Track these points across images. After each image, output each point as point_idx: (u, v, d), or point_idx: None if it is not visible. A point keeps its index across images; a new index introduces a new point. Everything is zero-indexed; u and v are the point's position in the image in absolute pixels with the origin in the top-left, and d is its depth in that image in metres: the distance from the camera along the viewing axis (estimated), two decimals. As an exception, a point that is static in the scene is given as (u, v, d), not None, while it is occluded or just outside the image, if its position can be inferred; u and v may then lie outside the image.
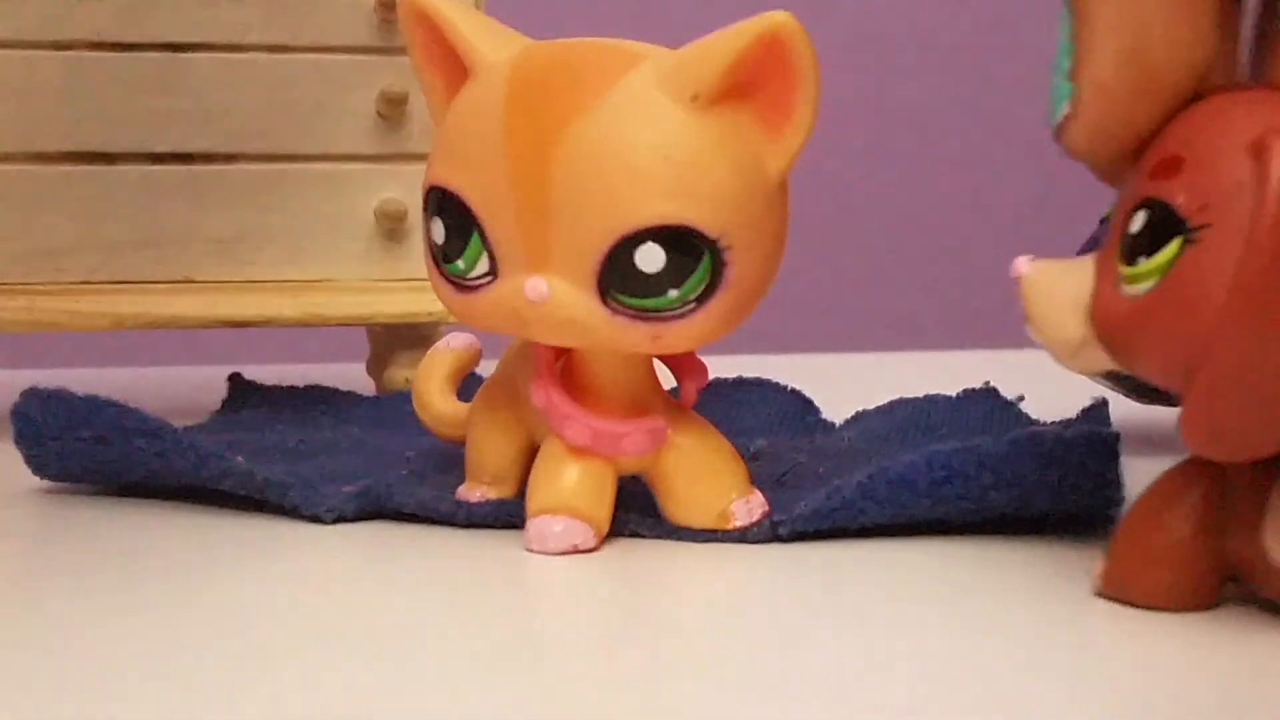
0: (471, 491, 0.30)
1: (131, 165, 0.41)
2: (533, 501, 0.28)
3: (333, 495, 0.30)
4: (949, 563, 0.27)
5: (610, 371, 0.28)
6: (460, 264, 0.27)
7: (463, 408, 0.32)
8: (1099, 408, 0.34)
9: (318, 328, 0.42)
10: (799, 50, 0.26)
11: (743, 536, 0.29)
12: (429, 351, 0.34)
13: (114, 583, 0.26)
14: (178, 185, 0.41)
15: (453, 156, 0.28)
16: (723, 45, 0.26)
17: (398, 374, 0.45)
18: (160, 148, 0.41)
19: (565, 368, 0.29)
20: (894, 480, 0.28)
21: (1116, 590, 0.24)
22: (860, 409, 0.39)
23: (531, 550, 0.28)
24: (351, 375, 0.47)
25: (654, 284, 0.26)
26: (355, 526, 0.30)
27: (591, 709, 0.20)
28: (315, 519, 0.30)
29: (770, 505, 0.29)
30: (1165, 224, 0.22)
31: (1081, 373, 0.24)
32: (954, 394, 0.39)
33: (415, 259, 0.42)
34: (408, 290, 0.42)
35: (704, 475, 0.29)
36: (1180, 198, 0.22)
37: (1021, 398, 0.39)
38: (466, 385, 0.33)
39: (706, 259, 0.26)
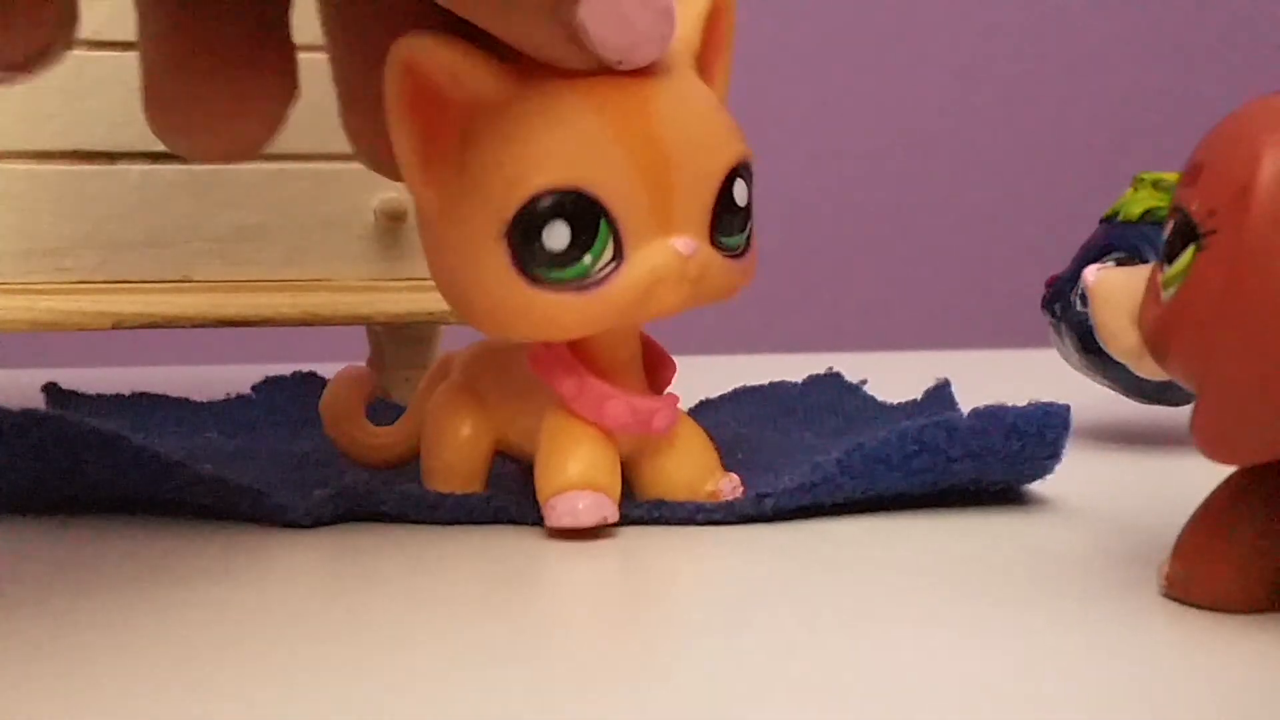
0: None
1: (131, 165, 0.41)
2: (551, 481, 0.29)
3: (307, 498, 0.30)
4: (940, 538, 0.28)
5: (621, 353, 0.30)
6: (587, 259, 0.27)
7: (387, 431, 0.33)
8: (941, 388, 0.37)
9: (318, 327, 0.42)
10: (731, 19, 0.30)
11: (729, 513, 0.29)
12: (338, 382, 0.34)
13: (91, 596, 0.26)
14: (178, 185, 0.41)
15: (559, 157, 0.27)
16: (687, 11, 0.29)
17: (398, 374, 0.45)
18: (160, 147, 0.41)
19: (575, 356, 0.29)
20: (869, 455, 0.30)
21: (1181, 591, 0.24)
22: (703, 398, 0.40)
23: (562, 526, 0.28)
24: (351, 375, 0.47)
25: (743, 218, 0.29)
26: (332, 529, 0.30)
27: (597, 698, 0.20)
28: (291, 524, 0.30)
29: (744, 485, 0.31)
30: (1185, 230, 0.22)
31: (1152, 378, 0.25)
32: (799, 380, 0.41)
33: (415, 259, 0.42)
34: (408, 290, 0.42)
35: (690, 459, 0.30)
36: (1195, 204, 0.22)
37: (864, 381, 0.40)
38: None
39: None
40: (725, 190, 0.28)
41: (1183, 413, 0.39)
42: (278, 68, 0.27)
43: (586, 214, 0.27)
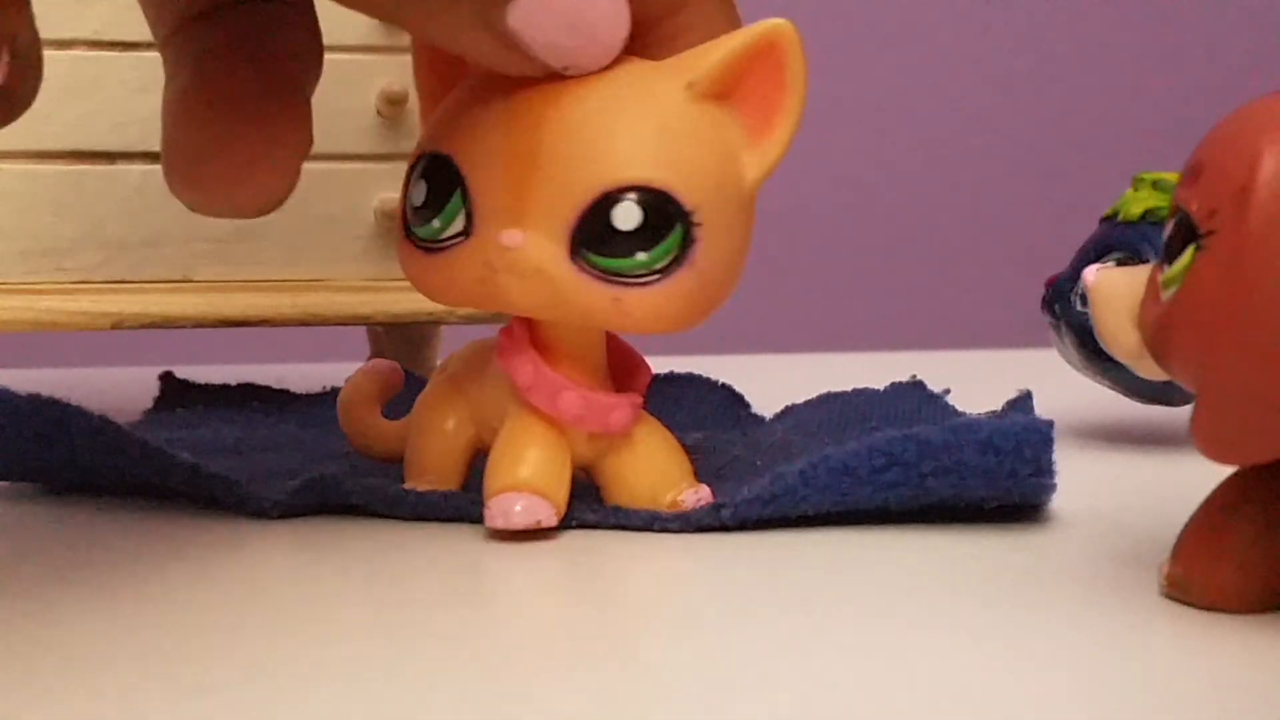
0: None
1: (131, 165, 0.41)
2: (495, 480, 0.29)
3: (278, 490, 0.30)
4: (910, 551, 0.28)
5: (581, 349, 0.29)
6: (436, 223, 0.28)
7: (393, 425, 0.33)
8: (1024, 399, 0.35)
9: (318, 327, 0.42)
10: (792, 61, 0.27)
11: (685, 523, 0.29)
12: (361, 374, 0.34)
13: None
14: (178, 185, 0.41)
15: (448, 125, 0.28)
16: (723, 43, 0.27)
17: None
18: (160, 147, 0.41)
19: (529, 345, 0.29)
20: (835, 468, 0.29)
21: (1180, 591, 0.24)
22: (790, 403, 0.40)
23: (495, 527, 0.28)
24: (350, 374, 0.47)
25: (625, 243, 0.27)
26: (301, 520, 0.30)
27: (553, 701, 0.20)
28: (261, 514, 0.30)
29: (714, 495, 0.30)
30: (1185, 230, 0.22)
31: (1152, 378, 0.25)
32: (881, 387, 0.40)
33: (415, 259, 0.42)
34: (408, 290, 0.42)
35: (653, 466, 0.30)
36: (1195, 204, 0.22)
37: (948, 390, 0.39)
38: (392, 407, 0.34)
39: (679, 229, 0.27)
40: (601, 209, 0.27)
41: (1183, 413, 0.39)
42: (294, 121, 0.27)
43: (446, 181, 0.28)
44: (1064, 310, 0.39)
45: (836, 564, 0.27)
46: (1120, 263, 0.37)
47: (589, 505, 0.30)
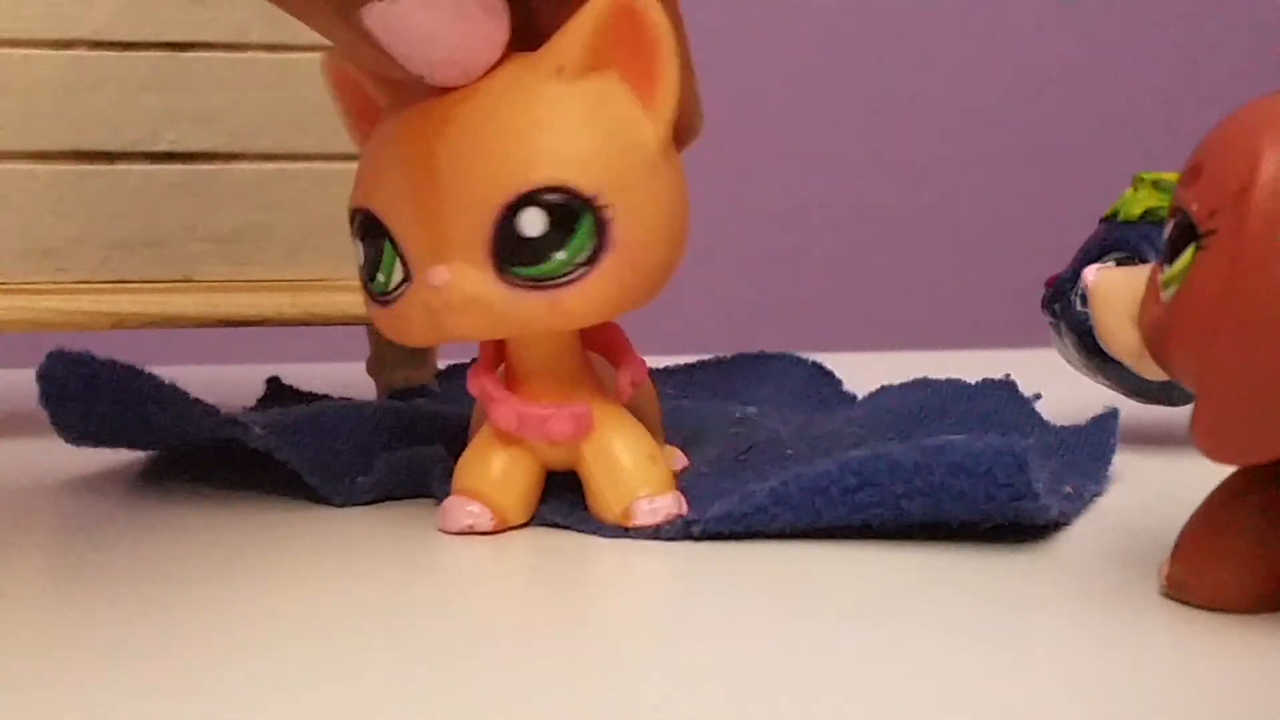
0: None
1: (131, 165, 0.41)
2: (453, 482, 0.30)
3: (346, 482, 0.32)
4: (910, 551, 0.28)
5: (541, 360, 0.30)
6: (380, 277, 0.29)
7: None
8: (1108, 416, 0.34)
9: (318, 327, 0.42)
10: (652, 19, 0.28)
11: (656, 534, 0.29)
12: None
13: (128, 578, 0.26)
14: (178, 185, 0.41)
15: (364, 179, 0.29)
16: (580, 19, 0.28)
17: (397, 374, 0.45)
18: (160, 147, 0.41)
19: (504, 359, 0.30)
20: (806, 487, 0.28)
21: (1179, 592, 0.24)
22: (884, 384, 0.40)
23: (440, 527, 0.30)
24: (352, 375, 0.47)
25: (540, 249, 0.27)
26: (365, 510, 0.32)
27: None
28: (326, 501, 0.32)
29: (691, 497, 0.30)
30: (1185, 230, 0.22)
31: (1152, 378, 0.25)
32: (973, 381, 0.39)
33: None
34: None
35: (613, 471, 0.30)
36: (1195, 204, 0.22)
37: (1038, 396, 0.39)
38: None
39: (587, 218, 0.27)
40: (507, 222, 0.27)
41: (1183, 413, 0.39)
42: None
43: (376, 235, 0.28)
44: (1064, 310, 0.39)
45: (836, 564, 0.27)
46: (1120, 263, 0.37)
47: (561, 509, 0.30)
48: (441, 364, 0.47)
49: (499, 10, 0.27)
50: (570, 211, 0.27)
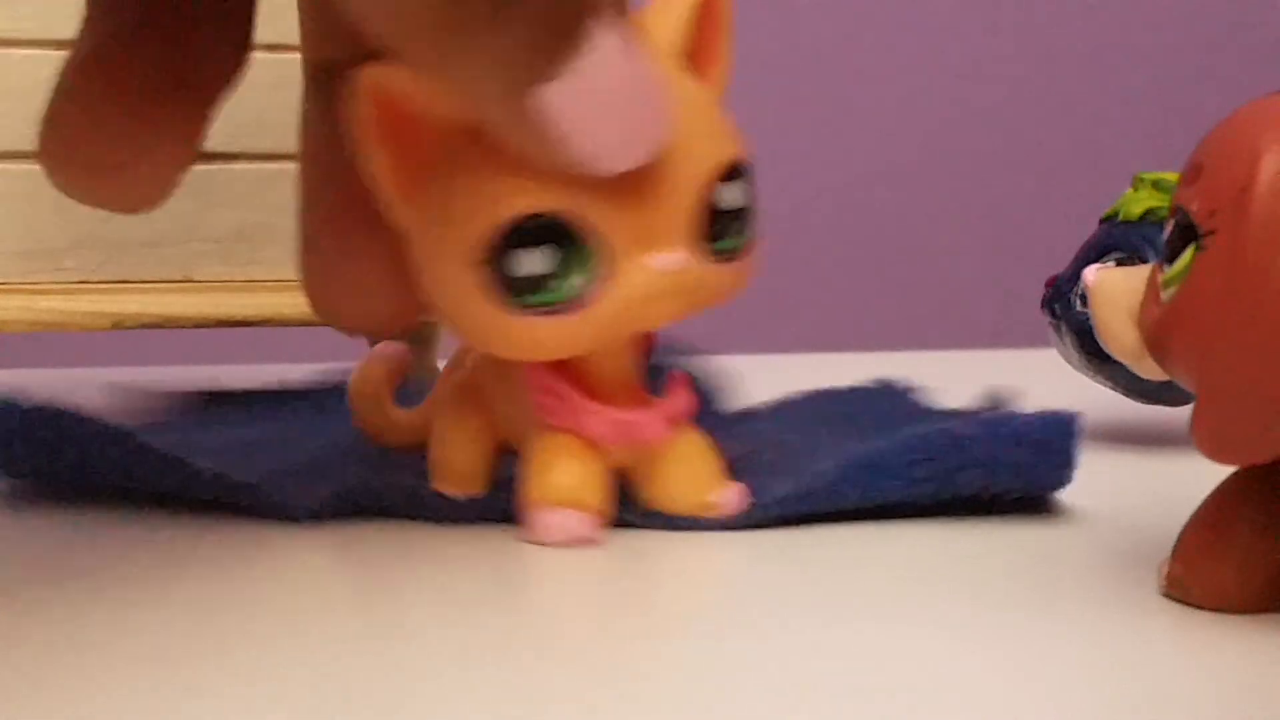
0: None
1: (131, 165, 0.41)
2: (534, 494, 0.29)
3: (306, 495, 0.30)
4: (909, 551, 0.28)
5: (622, 363, 0.29)
6: (566, 284, 0.26)
7: (409, 415, 0.34)
8: (1000, 396, 0.36)
9: (318, 328, 0.42)
10: (726, 6, 0.29)
11: (725, 521, 0.29)
12: (369, 360, 0.34)
13: (83, 595, 0.26)
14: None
15: (526, 181, 0.26)
16: (675, 7, 0.28)
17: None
18: (160, 147, 0.41)
19: (559, 368, 0.29)
20: (868, 464, 0.29)
21: (1179, 591, 0.24)
22: (784, 397, 0.40)
23: (536, 542, 0.28)
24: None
25: (737, 221, 0.28)
26: (331, 525, 0.30)
27: (590, 698, 0.20)
28: (290, 518, 0.30)
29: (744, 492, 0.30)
30: (1185, 231, 0.22)
31: (1152, 378, 0.25)
32: (845, 387, 0.40)
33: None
34: (408, 290, 0.42)
35: (689, 464, 0.30)
36: (1195, 204, 0.22)
37: (916, 388, 0.39)
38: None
39: (749, 192, 0.28)
40: (712, 195, 0.27)
41: (1183, 413, 0.39)
42: (184, 128, 0.26)
43: (564, 238, 0.26)
44: (1064, 310, 0.39)
45: (835, 564, 0.27)
46: (1120, 263, 0.37)
47: (627, 508, 0.30)
48: (440, 365, 0.47)
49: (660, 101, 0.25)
50: (749, 186, 0.28)
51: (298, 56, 0.29)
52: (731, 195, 0.27)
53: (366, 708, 0.19)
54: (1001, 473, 0.29)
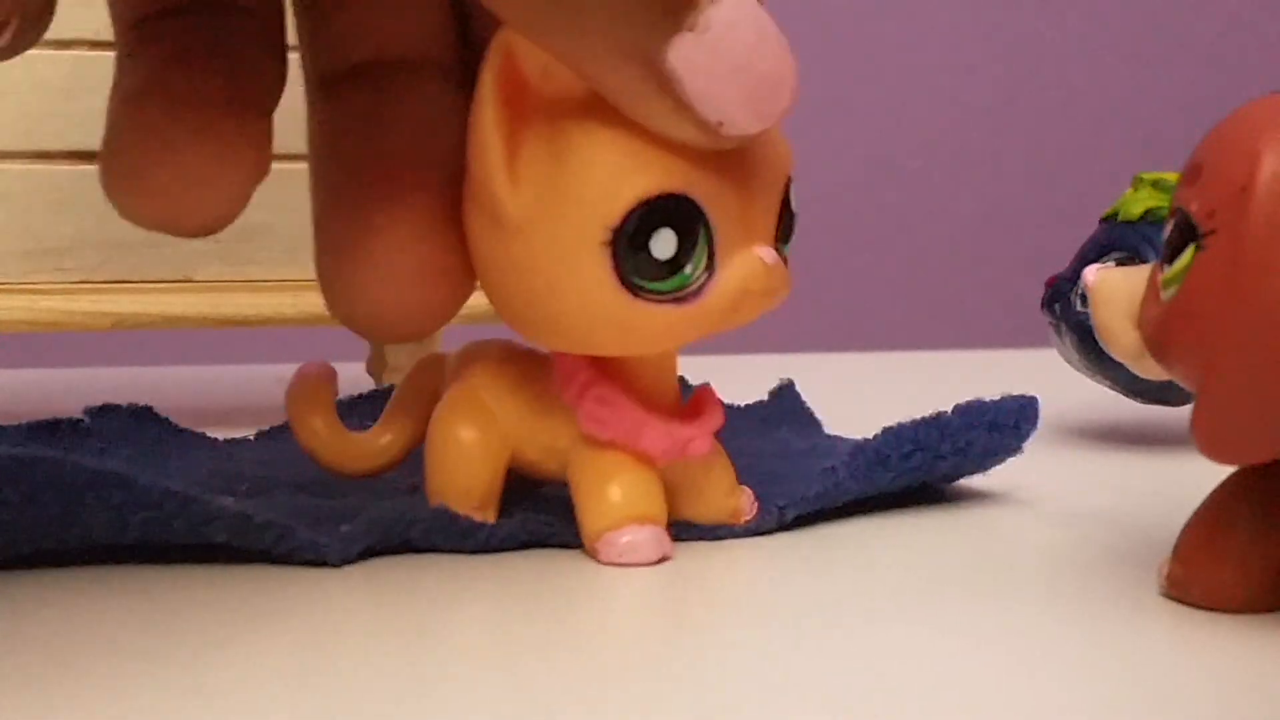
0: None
1: (131, 165, 0.41)
2: (604, 516, 0.27)
3: (337, 535, 0.27)
4: (908, 551, 0.28)
5: (665, 372, 0.28)
6: (688, 270, 0.25)
7: (366, 437, 0.31)
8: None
9: (318, 327, 0.42)
10: None
11: (750, 527, 0.29)
12: (300, 384, 0.31)
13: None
14: (178, 185, 0.41)
15: (654, 159, 0.25)
16: None
17: (398, 374, 0.45)
18: (160, 148, 0.41)
19: (608, 377, 0.27)
20: (872, 458, 0.30)
21: (1180, 592, 0.24)
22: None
23: (619, 563, 0.27)
24: (352, 375, 0.47)
25: (791, 225, 0.27)
26: (361, 565, 0.27)
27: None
28: (321, 562, 0.26)
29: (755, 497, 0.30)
30: (1185, 230, 0.22)
31: (1152, 378, 0.25)
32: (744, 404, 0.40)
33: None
34: (408, 290, 0.42)
35: (719, 474, 0.29)
36: (1194, 204, 0.22)
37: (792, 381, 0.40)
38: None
39: None
40: (789, 193, 0.27)
41: (1183, 413, 0.39)
42: (251, 139, 0.26)
43: (690, 221, 0.25)
44: (1064, 310, 0.39)
45: (835, 564, 0.27)
46: (1120, 263, 0.37)
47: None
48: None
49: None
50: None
51: (297, 57, 0.29)
52: (793, 198, 0.27)
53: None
54: (974, 456, 0.31)
